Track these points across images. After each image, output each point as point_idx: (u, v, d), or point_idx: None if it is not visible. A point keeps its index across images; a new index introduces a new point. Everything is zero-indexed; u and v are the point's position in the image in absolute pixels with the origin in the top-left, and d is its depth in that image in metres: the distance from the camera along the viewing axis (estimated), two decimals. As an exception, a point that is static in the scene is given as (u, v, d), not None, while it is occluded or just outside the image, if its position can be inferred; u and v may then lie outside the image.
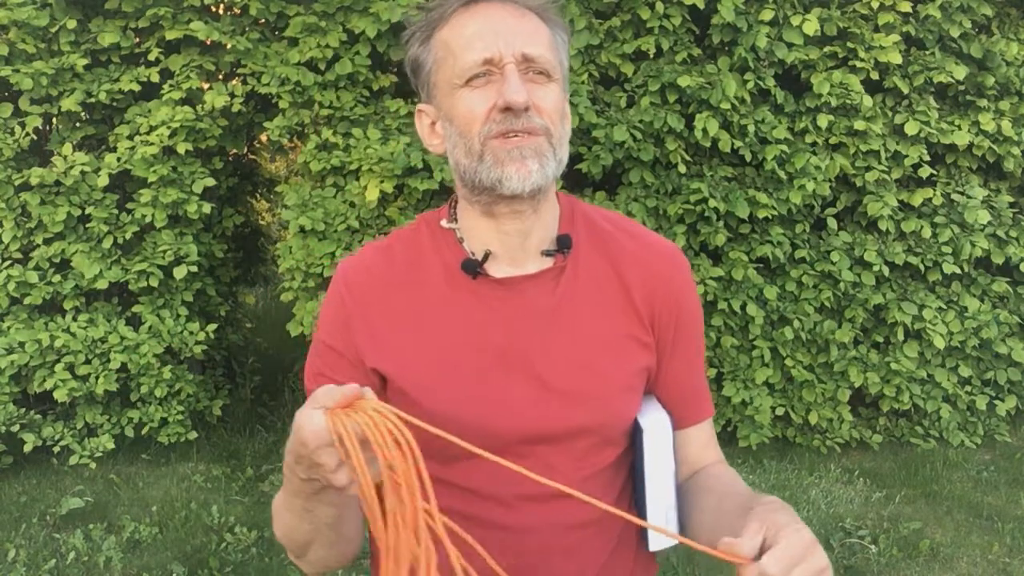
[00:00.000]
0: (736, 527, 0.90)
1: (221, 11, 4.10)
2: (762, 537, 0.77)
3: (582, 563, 1.01)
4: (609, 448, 1.01)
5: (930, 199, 4.26)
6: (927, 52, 4.21)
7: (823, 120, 4.02)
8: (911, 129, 4.09)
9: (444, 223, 1.03)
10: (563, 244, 1.01)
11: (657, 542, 1.01)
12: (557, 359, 0.98)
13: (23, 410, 3.90)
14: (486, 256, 0.99)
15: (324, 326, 1.04)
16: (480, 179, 0.94)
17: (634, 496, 1.06)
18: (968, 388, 4.43)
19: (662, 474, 1.00)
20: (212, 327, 4.12)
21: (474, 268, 0.99)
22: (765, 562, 0.75)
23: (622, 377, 1.00)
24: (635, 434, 1.02)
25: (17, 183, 3.85)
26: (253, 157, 5.53)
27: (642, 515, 1.01)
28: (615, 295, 1.02)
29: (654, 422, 1.02)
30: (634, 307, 1.02)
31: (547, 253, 1.01)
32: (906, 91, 4.16)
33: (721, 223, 3.99)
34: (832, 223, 4.24)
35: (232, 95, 3.98)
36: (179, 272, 3.91)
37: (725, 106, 3.84)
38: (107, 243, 3.91)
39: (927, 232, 4.23)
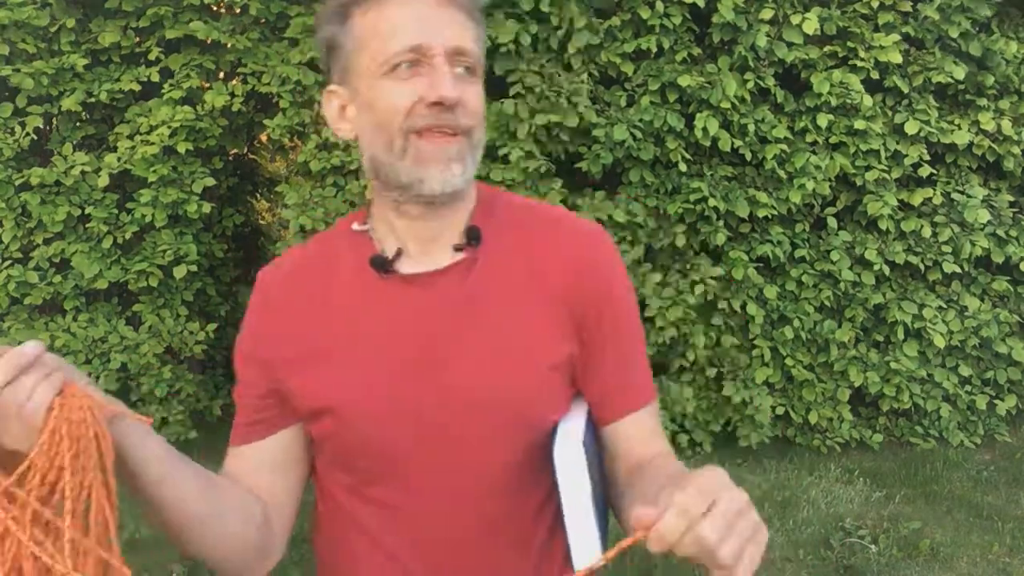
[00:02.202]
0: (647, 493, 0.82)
1: (222, 11, 4.10)
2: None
3: None
4: (525, 451, 0.96)
5: (930, 198, 4.26)
6: (927, 51, 4.21)
7: (823, 119, 4.02)
8: (911, 128, 4.09)
9: (355, 226, 1.00)
10: (472, 236, 0.96)
11: (581, 559, 0.93)
12: (469, 355, 0.93)
13: (23, 410, 3.89)
14: (398, 254, 0.96)
15: (241, 333, 1.02)
16: (399, 176, 0.91)
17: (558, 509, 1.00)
18: (968, 388, 4.43)
19: (578, 493, 0.91)
20: (212, 327, 4.13)
21: (382, 264, 0.95)
22: (667, 516, 0.67)
23: (537, 370, 0.94)
24: (550, 445, 0.94)
25: (17, 183, 3.85)
26: (253, 157, 5.52)
27: (564, 529, 0.93)
28: (533, 285, 0.96)
29: (567, 433, 0.93)
30: (554, 296, 0.96)
31: (457, 247, 0.96)
32: (906, 90, 4.16)
33: (721, 222, 3.99)
34: (832, 222, 4.24)
35: (232, 95, 3.97)
36: (179, 272, 3.91)
37: (725, 105, 3.84)
38: (107, 243, 3.91)
39: (927, 231, 4.23)
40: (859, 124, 4.02)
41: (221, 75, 4.26)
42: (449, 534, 0.96)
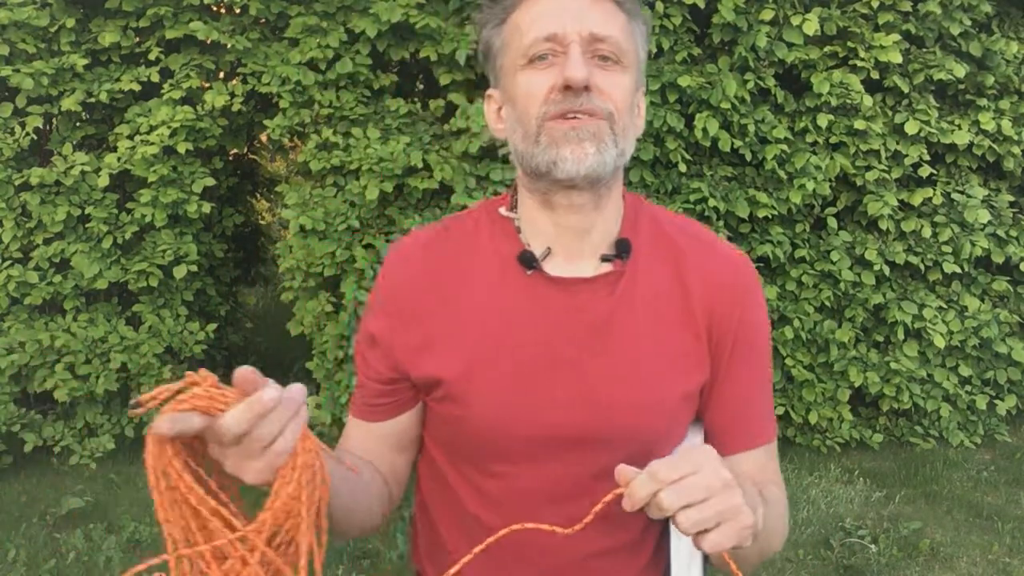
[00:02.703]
0: None
1: (222, 11, 4.11)
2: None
3: None
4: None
5: (930, 198, 4.26)
6: (927, 50, 4.21)
7: (823, 120, 4.02)
8: (911, 128, 4.09)
9: (503, 211, 0.99)
10: (622, 249, 0.95)
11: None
12: (604, 369, 0.93)
13: (23, 410, 3.89)
14: (546, 252, 0.95)
15: (367, 311, 1.02)
16: (536, 163, 0.89)
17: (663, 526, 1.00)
18: (968, 388, 4.43)
19: None
20: (212, 327, 4.12)
21: (530, 261, 0.94)
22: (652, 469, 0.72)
23: (671, 397, 0.94)
24: None
25: (17, 183, 3.85)
26: (253, 157, 5.53)
27: (668, 551, 0.96)
28: (674, 306, 0.95)
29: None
30: (693, 318, 0.95)
31: (605, 258, 0.95)
32: (906, 90, 4.16)
33: (721, 223, 3.99)
34: (832, 223, 4.24)
35: (232, 95, 3.97)
36: (179, 272, 3.91)
37: (725, 106, 3.84)
38: (107, 243, 3.91)
39: (927, 232, 4.23)
40: (859, 124, 4.02)
41: (221, 75, 4.26)
42: (549, 540, 0.96)
